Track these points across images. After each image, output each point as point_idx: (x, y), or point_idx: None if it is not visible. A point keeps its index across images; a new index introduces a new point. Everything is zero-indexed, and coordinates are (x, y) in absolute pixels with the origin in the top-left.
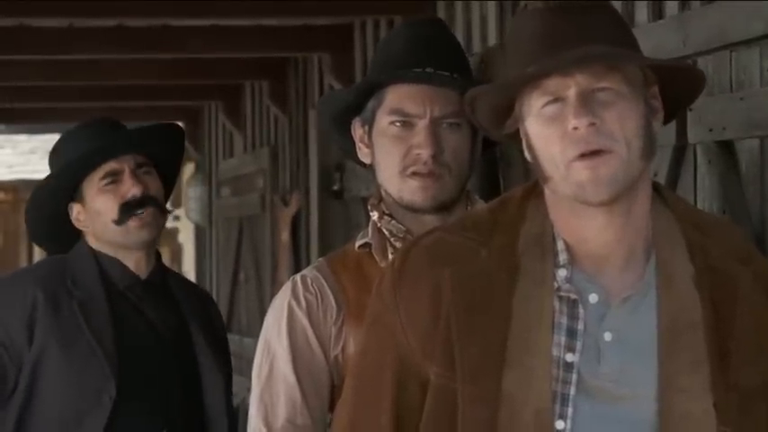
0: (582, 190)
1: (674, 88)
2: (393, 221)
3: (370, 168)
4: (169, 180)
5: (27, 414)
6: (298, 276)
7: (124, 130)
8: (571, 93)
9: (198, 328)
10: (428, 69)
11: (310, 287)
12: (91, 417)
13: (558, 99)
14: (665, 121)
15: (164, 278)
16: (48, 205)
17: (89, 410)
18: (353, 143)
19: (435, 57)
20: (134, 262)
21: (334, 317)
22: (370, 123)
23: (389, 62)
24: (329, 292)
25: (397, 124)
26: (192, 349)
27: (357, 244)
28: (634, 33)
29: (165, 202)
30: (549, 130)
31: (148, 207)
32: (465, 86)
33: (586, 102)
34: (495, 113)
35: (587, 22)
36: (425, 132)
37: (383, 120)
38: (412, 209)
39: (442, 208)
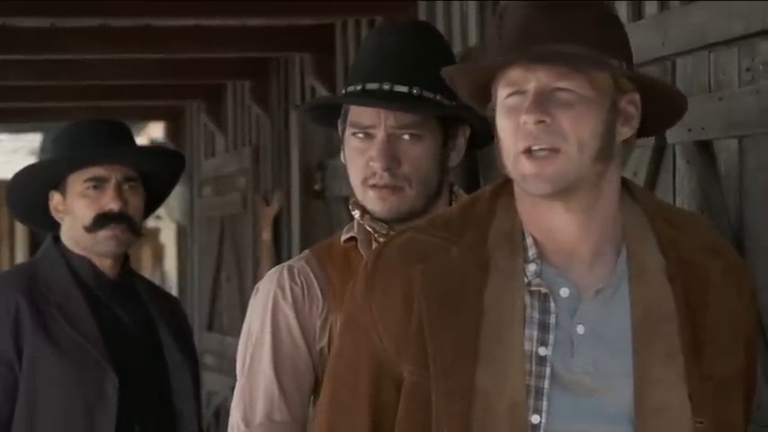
0: (525, 182)
1: (652, 99)
2: (375, 218)
3: None
4: (156, 195)
5: (34, 413)
6: (284, 266)
7: (125, 144)
8: (530, 87)
9: (165, 327)
10: (385, 86)
11: (297, 278)
12: (100, 410)
13: (519, 92)
14: (651, 133)
15: (131, 281)
16: (30, 187)
17: (96, 404)
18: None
19: (396, 69)
20: (102, 264)
21: (319, 309)
22: (342, 129)
23: (354, 75)
24: (315, 283)
25: (360, 135)
26: (159, 348)
27: (343, 238)
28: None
29: (148, 215)
30: (508, 120)
31: (122, 224)
32: (422, 105)
33: (542, 99)
34: (473, 96)
35: (569, 20)
36: (379, 146)
37: (348, 130)
38: (376, 218)
39: (404, 219)
